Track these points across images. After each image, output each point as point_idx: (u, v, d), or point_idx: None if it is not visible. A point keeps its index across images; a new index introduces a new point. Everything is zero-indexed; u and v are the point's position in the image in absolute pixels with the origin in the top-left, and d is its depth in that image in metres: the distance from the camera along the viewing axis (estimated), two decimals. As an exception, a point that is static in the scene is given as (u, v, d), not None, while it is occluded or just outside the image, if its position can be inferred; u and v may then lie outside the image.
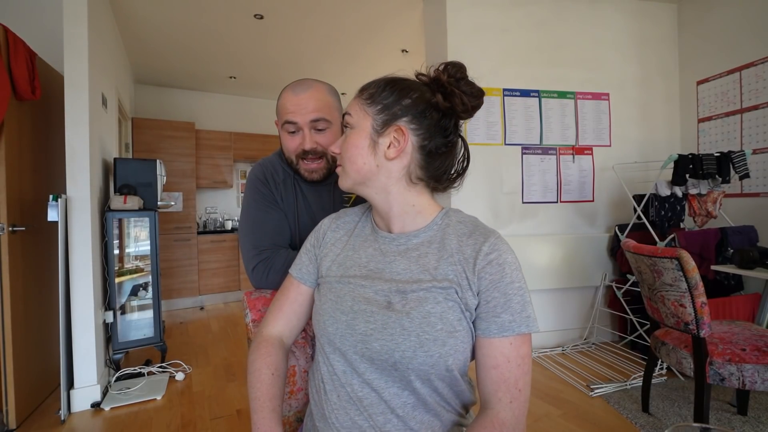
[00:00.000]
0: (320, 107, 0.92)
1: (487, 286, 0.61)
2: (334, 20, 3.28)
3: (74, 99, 2.15)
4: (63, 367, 2.03)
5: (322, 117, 0.91)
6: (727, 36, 2.86)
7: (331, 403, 0.66)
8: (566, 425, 1.85)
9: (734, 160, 2.44)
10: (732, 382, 1.47)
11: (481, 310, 0.61)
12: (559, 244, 2.83)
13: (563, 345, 2.84)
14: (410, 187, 0.67)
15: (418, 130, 0.65)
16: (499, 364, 0.60)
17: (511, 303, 0.60)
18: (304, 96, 0.92)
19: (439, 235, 0.67)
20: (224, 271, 4.71)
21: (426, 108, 0.65)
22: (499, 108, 2.84)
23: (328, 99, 0.94)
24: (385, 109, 0.65)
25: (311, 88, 0.93)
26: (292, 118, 0.92)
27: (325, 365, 0.69)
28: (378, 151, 0.65)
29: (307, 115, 0.91)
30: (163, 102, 4.84)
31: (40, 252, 2.24)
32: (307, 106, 0.91)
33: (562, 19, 2.97)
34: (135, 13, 3.08)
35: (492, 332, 0.60)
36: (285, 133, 0.95)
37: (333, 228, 0.78)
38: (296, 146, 0.94)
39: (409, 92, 0.65)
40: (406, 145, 0.64)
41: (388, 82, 0.67)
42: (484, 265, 0.62)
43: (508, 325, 0.60)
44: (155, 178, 2.73)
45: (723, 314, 2.21)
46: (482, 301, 0.61)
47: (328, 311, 0.68)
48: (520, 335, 0.60)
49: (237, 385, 2.39)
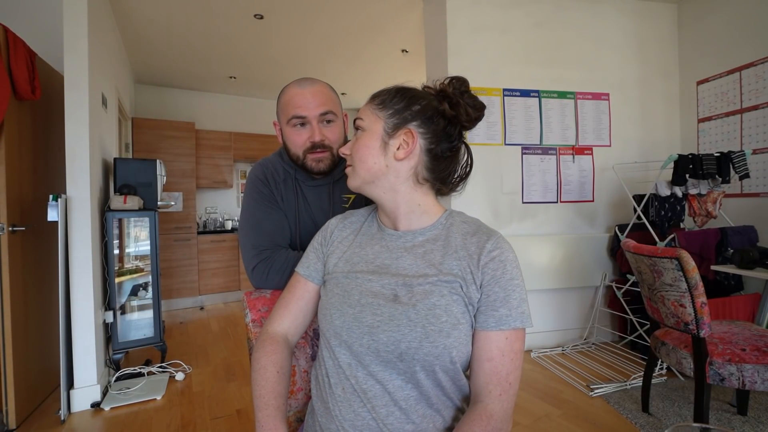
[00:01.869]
0: (326, 101, 0.94)
1: (489, 281, 0.65)
2: (335, 20, 3.29)
3: (74, 99, 2.15)
4: (63, 367, 2.03)
5: (329, 110, 0.94)
6: (727, 36, 2.86)
7: (336, 396, 0.67)
8: (566, 425, 1.85)
9: (734, 160, 2.44)
10: (732, 382, 1.47)
11: (481, 304, 0.65)
12: (559, 244, 2.83)
13: (563, 345, 2.84)
14: (417, 188, 0.72)
15: (426, 134, 0.69)
16: (493, 357, 0.63)
17: (509, 298, 0.64)
18: (311, 90, 0.93)
19: (444, 233, 0.71)
20: (224, 271, 4.71)
21: (433, 114, 0.70)
22: (499, 108, 2.84)
23: (331, 95, 0.97)
24: (396, 113, 0.70)
25: (317, 83, 0.96)
26: (300, 113, 0.92)
27: (330, 359, 0.70)
28: (388, 152, 0.69)
29: (316, 108, 0.92)
30: (163, 102, 4.84)
31: (40, 252, 2.24)
32: (315, 100, 0.93)
33: (562, 19, 2.97)
34: (135, 12, 3.08)
35: (490, 325, 0.63)
36: (291, 129, 0.95)
37: (340, 227, 0.81)
38: (304, 140, 0.94)
39: (419, 99, 0.70)
40: (414, 147, 0.69)
41: (399, 90, 0.72)
42: (488, 261, 0.65)
43: (505, 319, 0.63)
44: (155, 178, 2.73)
45: (723, 314, 2.21)
46: (483, 294, 0.65)
47: (335, 305, 0.70)
48: (515, 330, 0.64)
49: (237, 385, 2.39)
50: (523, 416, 1.94)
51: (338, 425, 0.66)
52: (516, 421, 1.90)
